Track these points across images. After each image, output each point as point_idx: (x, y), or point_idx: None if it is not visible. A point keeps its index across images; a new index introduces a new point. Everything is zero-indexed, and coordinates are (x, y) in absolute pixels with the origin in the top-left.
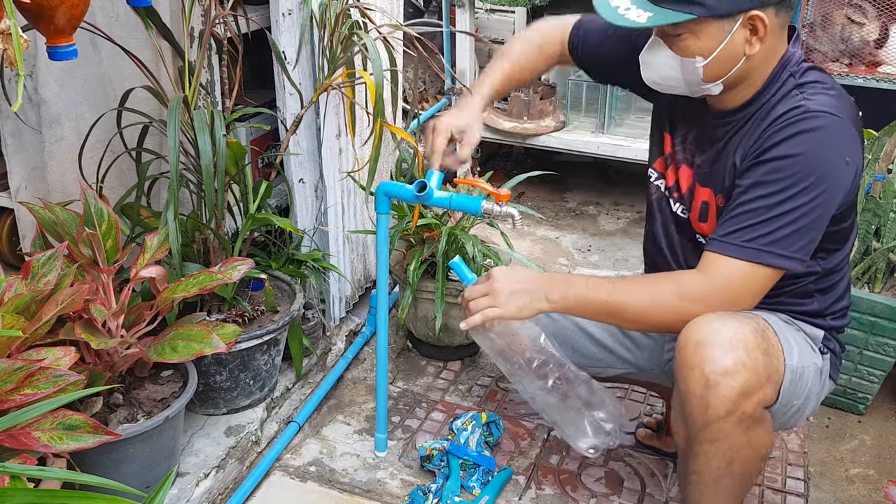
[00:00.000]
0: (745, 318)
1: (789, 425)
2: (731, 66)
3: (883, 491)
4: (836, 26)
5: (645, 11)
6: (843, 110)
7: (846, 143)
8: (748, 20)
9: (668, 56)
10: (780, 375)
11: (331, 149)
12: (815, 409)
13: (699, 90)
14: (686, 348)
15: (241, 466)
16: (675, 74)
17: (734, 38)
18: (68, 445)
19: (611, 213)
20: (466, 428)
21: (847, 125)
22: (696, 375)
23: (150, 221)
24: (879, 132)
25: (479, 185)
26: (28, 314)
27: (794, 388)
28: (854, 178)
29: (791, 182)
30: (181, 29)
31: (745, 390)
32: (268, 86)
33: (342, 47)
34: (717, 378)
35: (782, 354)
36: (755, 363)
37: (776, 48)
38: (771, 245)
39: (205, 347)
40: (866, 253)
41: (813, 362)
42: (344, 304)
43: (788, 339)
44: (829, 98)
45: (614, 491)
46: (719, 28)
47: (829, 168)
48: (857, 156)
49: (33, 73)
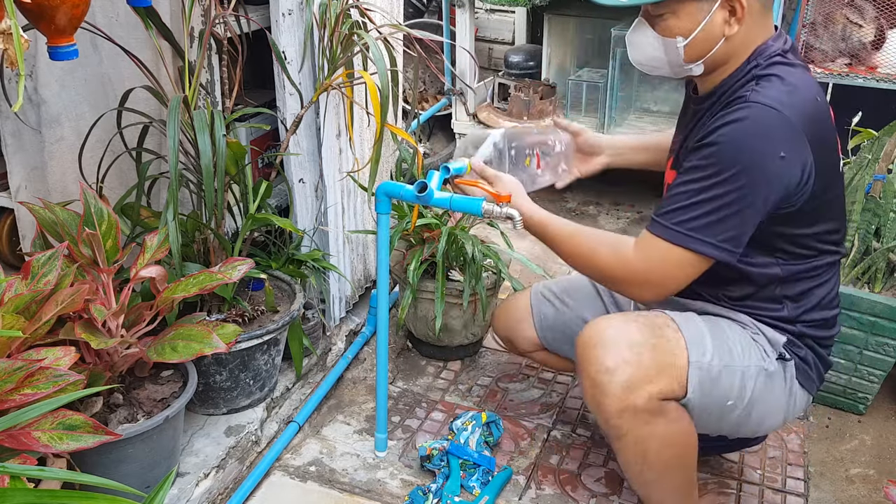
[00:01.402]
0: (639, 316)
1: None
2: (710, 45)
3: (883, 491)
4: (837, 25)
5: None
6: (791, 106)
7: (782, 137)
8: (726, 1)
9: (651, 36)
10: (681, 370)
11: (331, 149)
12: (787, 414)
13: (681, 71)
14: (577, 352)
15: (241, 466)
16: (658, 55)
17: (713, 19)
18: (68, 445)
19: (611, 213)
20: (466, 428)
21: (787, 120)
22: (585, 377)
23: (150, 221)
24: (879, 132)
25: (480, 186)
26: (28, 314)
27: (714, 386)
28: (801, 176)
29: (715, 170)
30: (181, 29)
31: (630, 385)
32: (268, 86)
33: (342, 47)
34: (602, 377)
35: (685, 351)
36: (639, 358)
37: (756, 34)
38: (695, 230)
39: (205, 347)
40: (866, 253)
41: (756, 364)
42: (344, 304)
43: (704, 336)
44: (779, 92)
45: (614, 491)
46: (699, 8)
47: (756, 159)
48: (797, 152)
49: (33, 73)
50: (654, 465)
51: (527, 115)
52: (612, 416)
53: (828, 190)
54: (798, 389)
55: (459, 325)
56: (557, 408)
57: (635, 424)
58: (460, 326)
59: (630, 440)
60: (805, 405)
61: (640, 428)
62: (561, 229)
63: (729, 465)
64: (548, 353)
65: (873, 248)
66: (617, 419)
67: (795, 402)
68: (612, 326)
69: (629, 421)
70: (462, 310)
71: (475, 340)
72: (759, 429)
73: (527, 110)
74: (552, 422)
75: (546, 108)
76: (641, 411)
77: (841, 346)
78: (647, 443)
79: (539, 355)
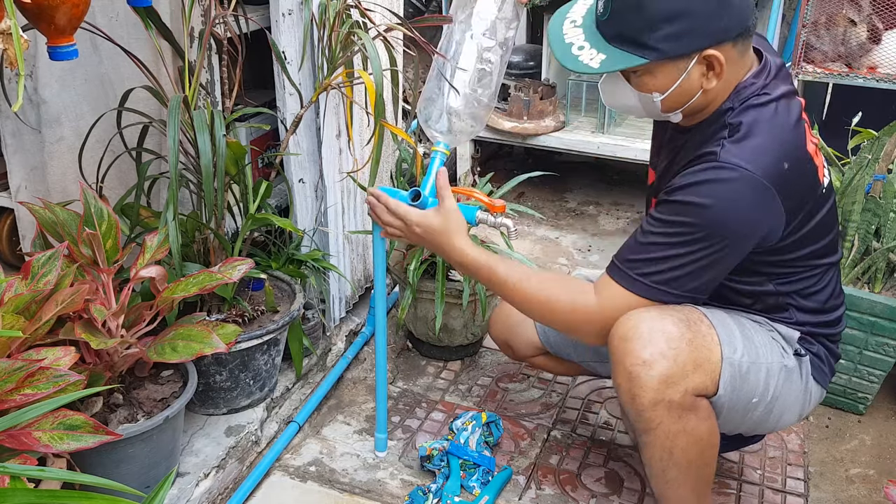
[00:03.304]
0: (674, 309)
1: (769, 424)
2: (688, 98)
3: (883, 491)
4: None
5: (598, 53)
6: (761, 165)
7: (755, 200)
8: (703, 58)
9: (626, 88)
10: (715, 366)
11: (331, 149)
12: (803, 410)
13: (660, 117)
14: (612, 344)
15: (241, 466)
16: (633, 104)
17: (690, 75)
18: (68, 445)
19: (611, 213)
20: (466, 428)
21: (756, 182)
22: (621, 370)
23: (150, 221)
24: (879, 132)
25: (475, 195)
26: (28, 314)
27: (743, 383)
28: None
29: (690, 230)
30: (181, 29)
31: (667, 379)
32: (268, 86)
33: (342, 47)
34: (638, 369)
35: (719, 347)
36: (676, 353)
37: (735, 76)
38: (662, 284)
39: (205, 347)
40: (866, 253)
41: (778, 361)
42: (344, 304)
43: (734, 332)
44: (751, 147)
45: (614, 491)
46: (675, 67)
47: (732, 224)
48: (768, 210)
49: (33, 73)
50: (679, 462)
51: (527, 115)
52: (645, 409)
53: (812, 217)
54: (813, 385)
55: (459, 325)
56: (557, 408)
57: (668, 419)
58: (460, 326)
59: (660, 434)
60: (819, 399)
61: (673, 423)
62: (509, 272)
63: (729, 465)
64: (547, 358)
65: (873, 248)
66: (650, 412)
67: (811, 398)
68: (647, 319)
69: (662, 414)
70: (462, 310)
71: (475, 340)
72: (777, 426)
73: (527, 110)
74: (552, 422)
75: (546, 108)
76: (676, 406)
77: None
78: (676, 439)
79: (539, 360)
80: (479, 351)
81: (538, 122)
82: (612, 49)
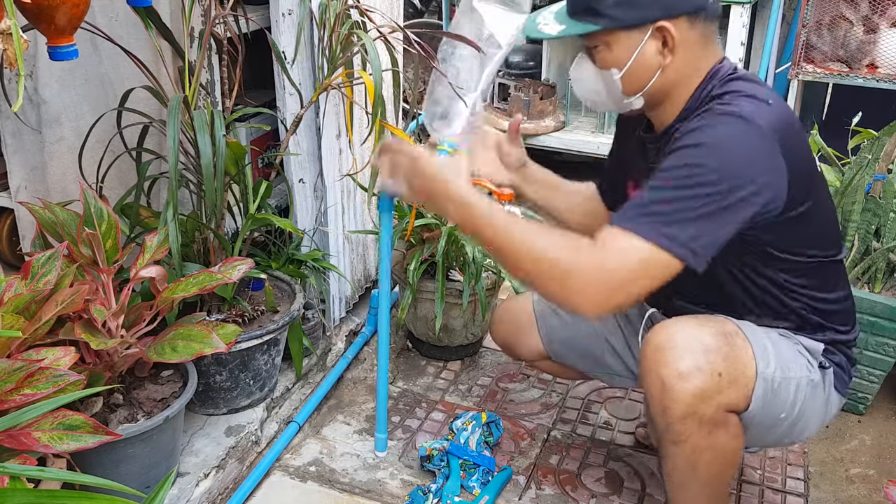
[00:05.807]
0: (710, 321)
1: (792, 438)
2: (647, 77)
3: (883, 491)
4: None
5: (559, 24)
6: (763, 117)
7: (757, 145)
8: (657, 31)
9: (590, 70)
10: (749, 381)
11: (331, 149)
12: (824, 421)
13: (623, 105)
14: (646, 352)
15: (241, 466)
16: (597, 87)
17: (645, 50)
18: (68, 445)
19: None
20: (466, 428)
21: (758, 128)
22: (654, 379)
23: (150, 221)
24: (879, 132)
25: (483, 183)
26: (28, 314)
27: (774, 398)
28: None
29: (689, 172)
30: (181, 29)
31: (702, 393)
32: (268, 86)
33: (342, 47)
34: (673, 381)
35: (754, 361)
36: (712, 366)
37: (698, 61)
38: (662, 225)
39: (205, 347)
40: (866, 253)
41: (805, 375)
42: (344, 304)
43: (767, 347)
44: (748, 102)
45: (614, 491)
46: (629, 38)
47: (734, 165)
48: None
49: (33, 74)
50: (701, 476)
51: (526, 115)
52: (676, 421)
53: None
54: (834, 394)
55: (459, 325)
56: (557, 408)
57: (698, 433)
58: (460, 326)
59: (687, 448)
60: (839, 407)
61: (702, 438)
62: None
63: None
64: (551, 362)
65: (873, 248)
66: (680, 424)
67: (831, 408)
68: (683, 330)
69: (692, 428)
70: (462, 310)
71: (475, 340)
72: (797, 440)
73: (527, 110)
74: (552, 422)
75: (546, 108)
76: (707, 421)
77: None
78: (702, 454)
79: (543, 364)
80: (479, 351)
81: (538, 122)
82: (572, 21)
